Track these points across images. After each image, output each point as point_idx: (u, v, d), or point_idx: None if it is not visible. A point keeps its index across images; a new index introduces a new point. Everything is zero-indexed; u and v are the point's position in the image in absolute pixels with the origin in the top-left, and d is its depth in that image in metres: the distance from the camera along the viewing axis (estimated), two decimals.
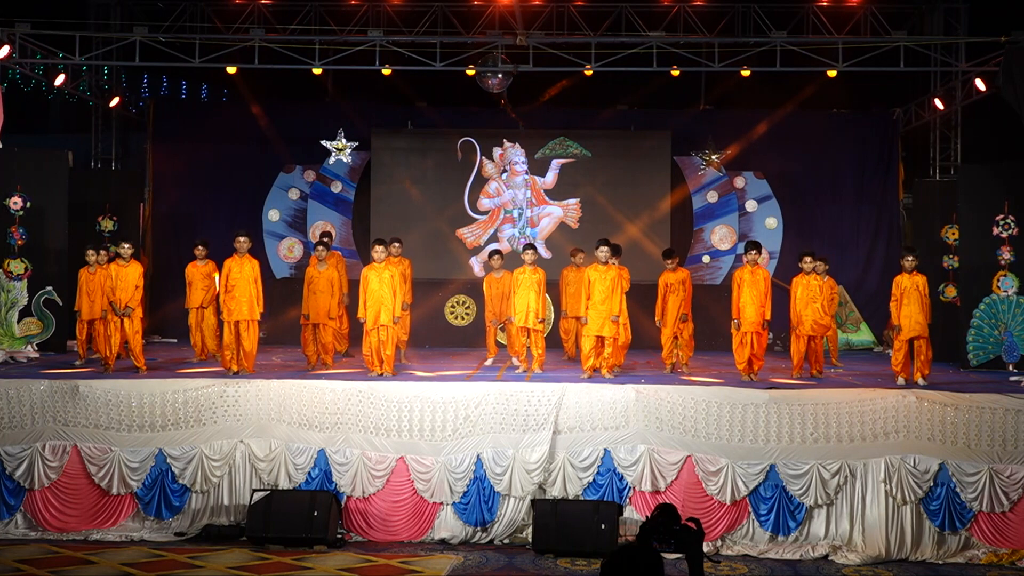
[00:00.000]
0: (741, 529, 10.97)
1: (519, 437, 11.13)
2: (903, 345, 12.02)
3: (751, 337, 12.37)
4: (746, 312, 12.37)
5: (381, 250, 12.57)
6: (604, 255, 12.46)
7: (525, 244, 13.69)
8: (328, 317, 13.26)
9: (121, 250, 12.82)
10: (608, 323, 12.36)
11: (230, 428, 11.36)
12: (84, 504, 11.30)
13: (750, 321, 12.35)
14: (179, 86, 19.66)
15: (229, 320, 12.37)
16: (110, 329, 12.57)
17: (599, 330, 12.37)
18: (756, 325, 12.35)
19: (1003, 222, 14.20)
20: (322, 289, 13.25)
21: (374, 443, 11.24)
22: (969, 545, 10.74)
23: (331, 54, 15.06)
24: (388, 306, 12.33)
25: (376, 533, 11.18)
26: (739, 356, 12.44)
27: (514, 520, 11.09)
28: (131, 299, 12.51)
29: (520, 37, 14.67)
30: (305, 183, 18.28)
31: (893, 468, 10.79)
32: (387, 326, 12.34)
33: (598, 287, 12.38)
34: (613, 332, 12.41)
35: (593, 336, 12.40)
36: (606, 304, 12.34)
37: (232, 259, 12.52)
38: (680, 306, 13.17)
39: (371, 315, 12.36)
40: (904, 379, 11.91)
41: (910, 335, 12.00)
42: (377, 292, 12.34)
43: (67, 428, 11.33)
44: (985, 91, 15.06)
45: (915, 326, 11.97)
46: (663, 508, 6.45)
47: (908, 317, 11.98)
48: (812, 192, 17.88)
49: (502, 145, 18.00)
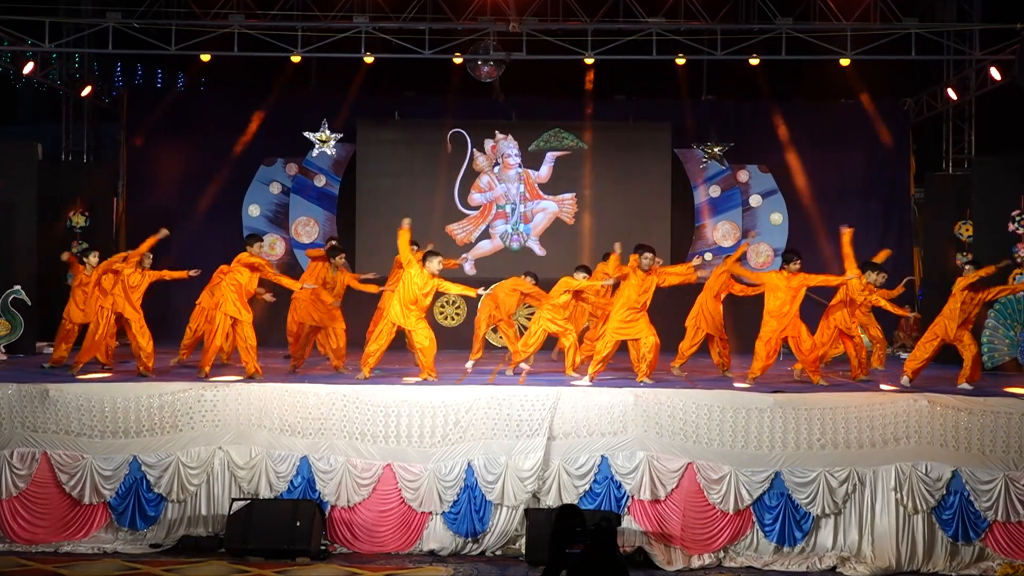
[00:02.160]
0: (745, 540, 10.77)
1: (512, 443, 10.92)
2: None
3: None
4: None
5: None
6: (648, 261, 12.01)
7: (525, 272, 13.86)
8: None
9: (89, 259, 12.62)
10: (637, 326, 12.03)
11: (208, 434, 11.12)
12: (54, 514, 11.04)
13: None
14: (154, 75, 19.34)
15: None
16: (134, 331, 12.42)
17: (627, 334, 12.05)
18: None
19: (1019, 218, 14.08)
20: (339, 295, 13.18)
21: (360, 450, 11.03)
22: (983, 556, 10.55)
23: (314, 41, 14.83)
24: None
25: (362, 544, 10.98)
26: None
27: (507, 530, 10.89)
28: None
29: (513, 24, 14.50)
30: (287, 177, 17.96)
31: (904, 475, 10.58)
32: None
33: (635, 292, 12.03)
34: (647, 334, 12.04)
35: (615, 341, 12.06)
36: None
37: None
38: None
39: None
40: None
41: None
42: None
43: (36, 434, 11.06)
44: (1000, 80, 14.85)
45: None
46: (563, 511, 6.95)
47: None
48: (819, 186, 17.65)
49: (494, 137, 17.74)
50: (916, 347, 12.24)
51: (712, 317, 12.89)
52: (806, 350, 11.90)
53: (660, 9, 14.79)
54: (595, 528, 7.17)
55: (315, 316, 12.92)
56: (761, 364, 11.98)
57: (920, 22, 14.66)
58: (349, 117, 17.18)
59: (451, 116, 17.56)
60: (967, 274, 11.80)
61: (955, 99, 16.43)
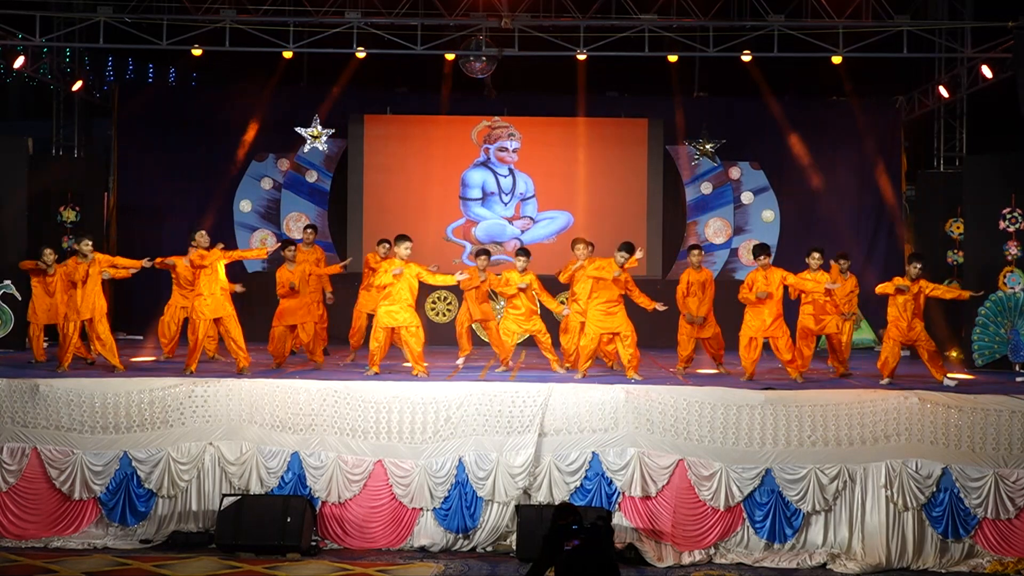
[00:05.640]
0: (735, 537, 10.75)
1: (503, 439, 10.88)
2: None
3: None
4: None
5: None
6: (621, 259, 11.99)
7: (518, 249, 13.36)
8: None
9: (83, 247, 12.29)
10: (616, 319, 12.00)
11: (199, 430, 11.08)
12: (44, 510, 11.00)
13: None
14: (145, 69, 19.26)
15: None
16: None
17: (606, 327, 12.01)
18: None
19: (1010, 216, 14.00)
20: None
21: (350, 446, 10.99)
22: (973, 553, 10.56)
23: (306, 36, 14.76)
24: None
25: (352, 540, 10.95)
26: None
27: (498, 527, 10.87)
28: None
29: (505, 20, 14.41)
30: (279, 172, 17.88)
31: (894, 472, 10.58)
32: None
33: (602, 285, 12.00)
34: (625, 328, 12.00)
35: (597, 335, 12.03)
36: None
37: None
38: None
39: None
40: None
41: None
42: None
43: (26, 429, 11.02)
44: (992, 78, 14.85)
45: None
46: (559, 508, 7.02)
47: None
48: (811, 184, 17.59)
49: (488, 132, 17.69)
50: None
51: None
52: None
53: (652, 6, 14.76)
54: (591, 526, 7.20)
55: (297, 315, 12.89)
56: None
57: (912, 20, 14.61)
58: (341, 113, 17.11)
59: (443, 112, 17.50)
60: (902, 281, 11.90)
61: (947, 97, 16.41)
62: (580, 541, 7.01)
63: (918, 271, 11.88)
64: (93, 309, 12.11)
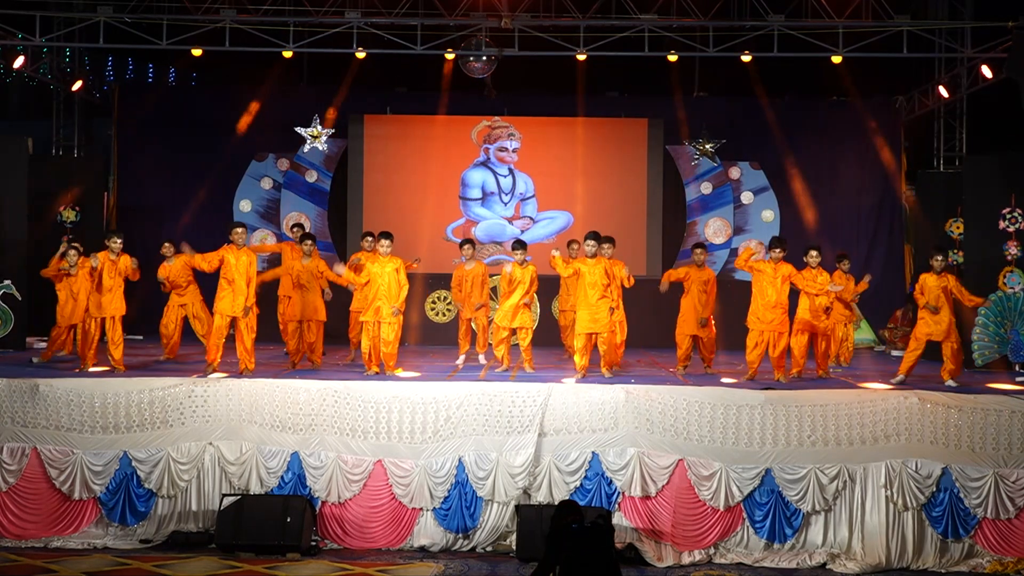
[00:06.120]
0: (735, 536, 10.74)
1: (503, 439, 10.86)
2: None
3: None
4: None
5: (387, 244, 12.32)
6: (591, 248, 12.08)
7: (514, 241, 13.33)
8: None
9: (112, 244, 12.26)
10: (601, 319, 11.98)
11: (199, 430, 11.06)
12: (44, 510, 10.99)
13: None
14: (145, 69, 19.28)
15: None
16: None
17: (591, 327, 12.00)
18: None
19: (1010, 216, 14.00)
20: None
21: (350, 446, 10.97)
22: (973, 553, 10.55)
23: (306, 36, 14.78)
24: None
25: (352, 540, 10.93)
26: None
27: (497, 527, 10.85)
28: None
29: (505, 20, 14.41)
30: (278, 172, 17.89)
31: (894, 472, 10.56)
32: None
33: (588, 281, 12.00)
34: (606, 328, 12.03)
35: (585, 334, 12.02)
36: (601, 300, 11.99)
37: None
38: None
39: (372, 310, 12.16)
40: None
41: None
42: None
43: (26, 429, 11.00)
44: (991, 78, 14.87)
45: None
46: (561, 506, 7.03)
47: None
48: (811, 183, 17.61)
49: (488, 132, 17.69)
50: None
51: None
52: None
53: (652, 6, 14.76)
54: (591, 526, 7.18)
55: (301, 311, 12.86)
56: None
57: (912, 20, 14.63)
58: (341, 112, 17.12)
59: (443, 111, 17.47)
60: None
61: (947, 97, 16.42)
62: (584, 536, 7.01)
63: (941, 263, 11.87)
64: (116, 308, 12.18)
